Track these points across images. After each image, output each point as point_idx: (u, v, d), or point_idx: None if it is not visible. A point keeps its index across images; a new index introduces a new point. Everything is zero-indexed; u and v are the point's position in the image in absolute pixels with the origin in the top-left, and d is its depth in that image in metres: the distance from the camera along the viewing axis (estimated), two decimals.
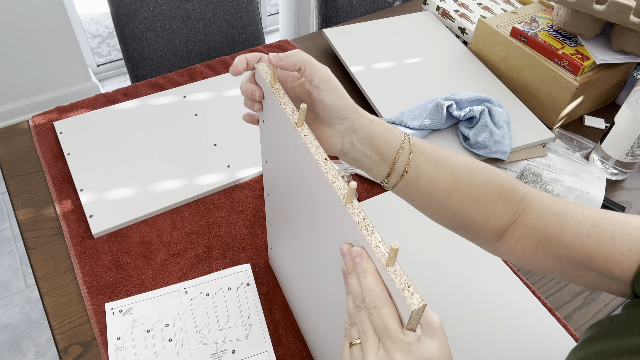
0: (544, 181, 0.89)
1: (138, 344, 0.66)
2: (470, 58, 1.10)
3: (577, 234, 0.49)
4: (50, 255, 0.76)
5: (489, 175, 0.52)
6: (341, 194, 0.39)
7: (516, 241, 0.53)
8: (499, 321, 0.70)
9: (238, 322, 0.69)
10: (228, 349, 0.66)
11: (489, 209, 0.52)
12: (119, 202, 0.81)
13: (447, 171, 0.51)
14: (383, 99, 0.99)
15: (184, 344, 0.67)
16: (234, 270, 0.75)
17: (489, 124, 0.90)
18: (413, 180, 0.51)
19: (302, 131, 0.43)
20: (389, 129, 0.51)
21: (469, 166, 0.52)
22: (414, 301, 0.33)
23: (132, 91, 1.02)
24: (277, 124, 0.48)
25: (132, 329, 0.67)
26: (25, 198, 0.83)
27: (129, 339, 0.66)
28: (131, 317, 0.68)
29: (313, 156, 0.41)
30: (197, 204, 0.83)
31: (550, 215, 0.51)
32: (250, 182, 0.87)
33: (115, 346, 0.65)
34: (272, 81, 0.47)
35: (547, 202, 0.52)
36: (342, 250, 0.39)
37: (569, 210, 0.51)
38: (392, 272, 0.34)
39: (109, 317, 0.68)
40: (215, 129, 0.94)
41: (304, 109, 0.43)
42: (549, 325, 0.70)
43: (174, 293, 0.71)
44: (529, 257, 0.53)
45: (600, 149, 0.92)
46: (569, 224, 0.50)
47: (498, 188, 0.52)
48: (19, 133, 0.93)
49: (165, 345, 0.66)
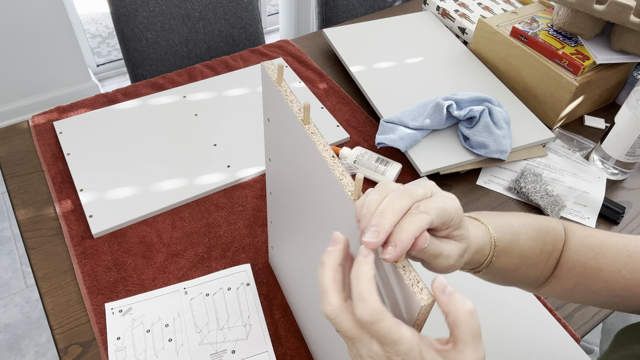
0: (544, 181, 0.88)
1: (138, 344, 0.65)
2: (470, 58, 1.10)
3: (615, 267, 0.50)
4: (50, 255, 0.76)
5: (545, 239, 0.53)
6: (349, 190, 0.39)
7: (556, 280, 0.54)
8: (499, 320, 0.70)
9: (238, 322, 0.69)
10: (228, 349, 0.66)
11: (543, 268, 0.53)
12: (118, 202, 0.81)
13: (516, 255, 0.50)
14: (383, 99, 0.99)
15: (183, 344, 0.66)
16: (233, 270, 0.75)
17: (489, 123, 0.90)
18: (485, 271, 0.50)
19: (309, 129, 0.43)
20: (481, 235, 0.47)
21: (531, 237, 0.52)
22: (423, 297, 0.32)
23: (132, 91, 1.01)
24: (283, 122, 0.48)
25: (132, 329, 0.67)
26: (25, 198, 0.83)
27: (128, 339, 0.66)
28: (131, 317, 0.68)
29: (320, 153, 0.41)
30: (197, 204, 0.83)
31: (587, 251, 0.52)
32: (250, 182, 0.87)
33: (115, 346, 0.65)
34: (279, 79, 0.47)
35: (582, 236, 0.53)
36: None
37: (604, 243, 0.52)
38: (401, 267, 0.34)
39: (108, 317, 0.68)
40: (215, 129, 0.94)
41: (308, 106, 0.43)
42: (549, 325, 0.70)
43: (174, 293, 0.71)
44: (568, 293, 0.54)
45: (600, 149, 0.92)
46: (605, 258, 0.51)
47: (551, 247, 0.53)
48: (19, 133, 0.93)
49: (165, 346, 0.66)
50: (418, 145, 0.91)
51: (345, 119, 1.00)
